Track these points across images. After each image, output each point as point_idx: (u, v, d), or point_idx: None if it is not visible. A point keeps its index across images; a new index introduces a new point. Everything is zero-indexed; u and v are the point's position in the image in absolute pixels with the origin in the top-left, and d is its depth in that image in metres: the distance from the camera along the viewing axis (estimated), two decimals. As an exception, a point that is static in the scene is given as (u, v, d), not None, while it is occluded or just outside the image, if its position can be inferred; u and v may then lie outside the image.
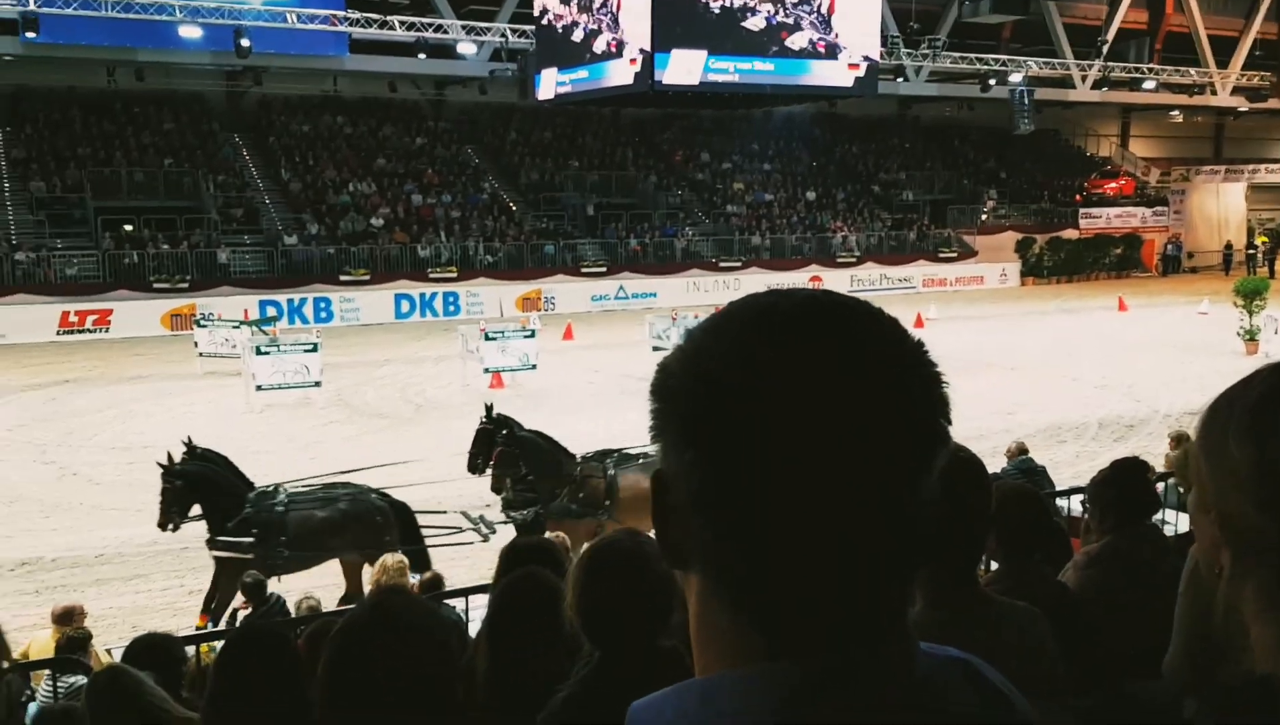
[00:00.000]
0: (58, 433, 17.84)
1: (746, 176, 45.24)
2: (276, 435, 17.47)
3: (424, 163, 39.96)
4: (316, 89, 39.68)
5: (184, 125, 37.53)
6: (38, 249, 31.09)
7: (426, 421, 18.64)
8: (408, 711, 1.66)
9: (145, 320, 30.09)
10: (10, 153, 34.21)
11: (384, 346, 27.49)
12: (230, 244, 33.59)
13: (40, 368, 24.39)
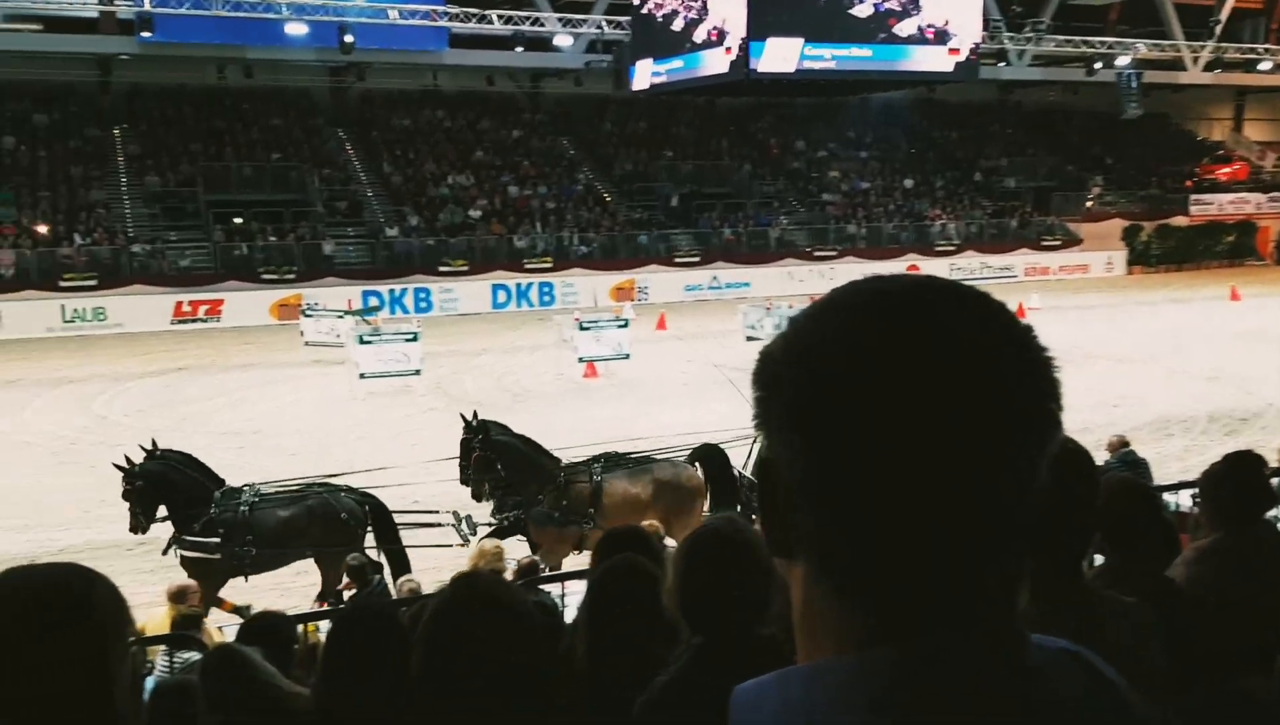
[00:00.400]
0: (172, 419, 18.53)
1: (842, 164, 44.69)
2: (378, 422, 17.89)
3: (520, 155, 40.40)
4: (417, 83, 40.40)
5: (291, 120, 38.59)
6: (153, 241, 32.31)
7: (522, 410, 18.86)
8: (495, 696, 1.68)
9: (254, 310, 31.06)
10: (127, 149, 35.58)
11: (481, 336, 27.89)
12: (335, 236, 34.45)
13: (155, 356, 25.36)
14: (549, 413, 18.44)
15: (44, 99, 35.66)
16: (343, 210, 35.98)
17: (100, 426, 17.99)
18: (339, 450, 16.02)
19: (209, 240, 33.15)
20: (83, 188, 33.55)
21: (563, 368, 21.78)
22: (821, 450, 0.82)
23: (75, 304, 29.76)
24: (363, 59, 33.91)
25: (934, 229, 41.70)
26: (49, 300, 29.65)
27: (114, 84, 36.85)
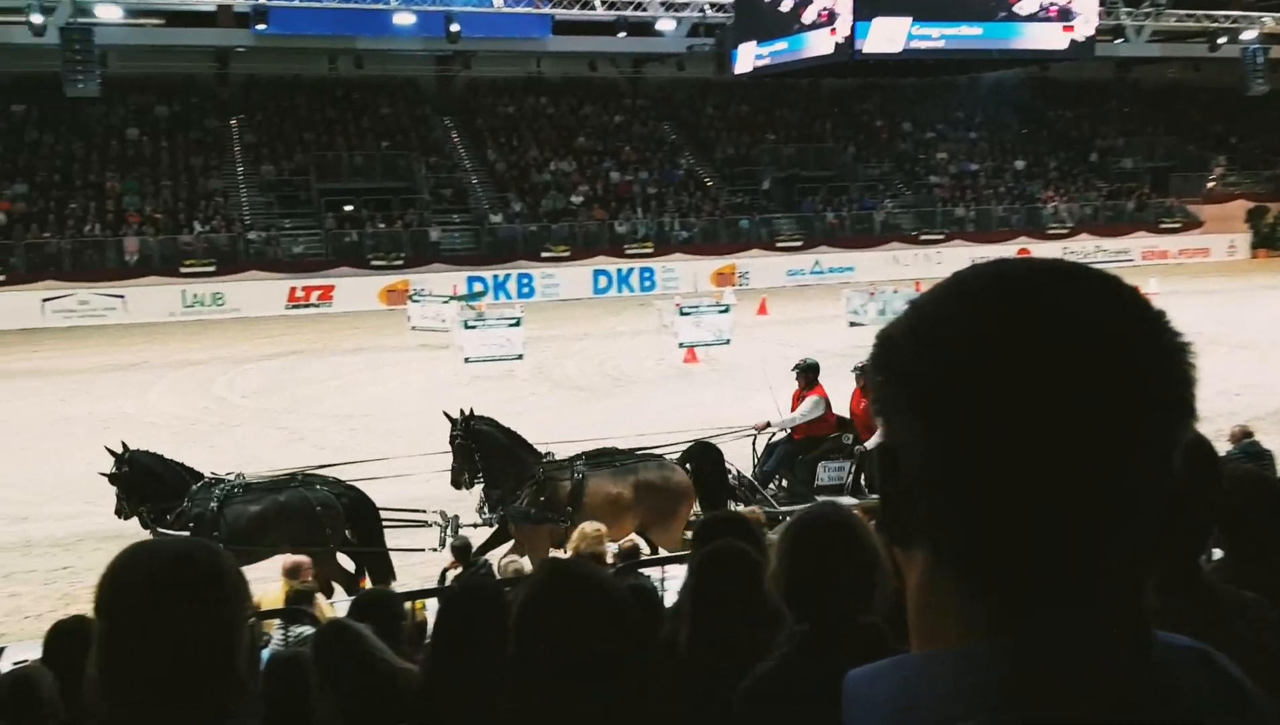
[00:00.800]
0: (287, 401, 19.14)
1: (951, 146, 43.71)
2: (482, 405, 18.09)
3: (622, 140, 40.52)
4: (521, 70, 40.82)
5: (399, 109, 39.38)
6: (268, 229, 33.35)
7: (622, 395, 18.99)
8: (580, 682, 1.69)
9: (364, 295, 31.84)
10: (244, 139, 36.76)
11: (582, 321, 28.10)
12: (441, 223, 35.08)
13: (271, 340, 26.20)
14: (649, 397, 18.51)
15: (165, 91, 37.05)
16: (448, 197, 36.60)
17: (220, 408, 18.68)
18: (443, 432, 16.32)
19: (321, 227, 34.06)
20: (202, 177, 34.79)
21: (663, 353, 21.82)
22: (945, 434, 0.81)
23: (195, 289, 30.91)
24: (468, 47, 34.38)
25: (1046, 211, 40.52)
26: (171, 286, 30.86)
27: (231, 76, 38.11)
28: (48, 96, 34.13)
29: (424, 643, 5.17)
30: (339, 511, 9.26)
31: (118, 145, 35.21)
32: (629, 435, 15.64)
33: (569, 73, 41.41)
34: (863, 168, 41.90)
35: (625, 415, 17.12)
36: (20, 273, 30.14)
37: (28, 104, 35.29)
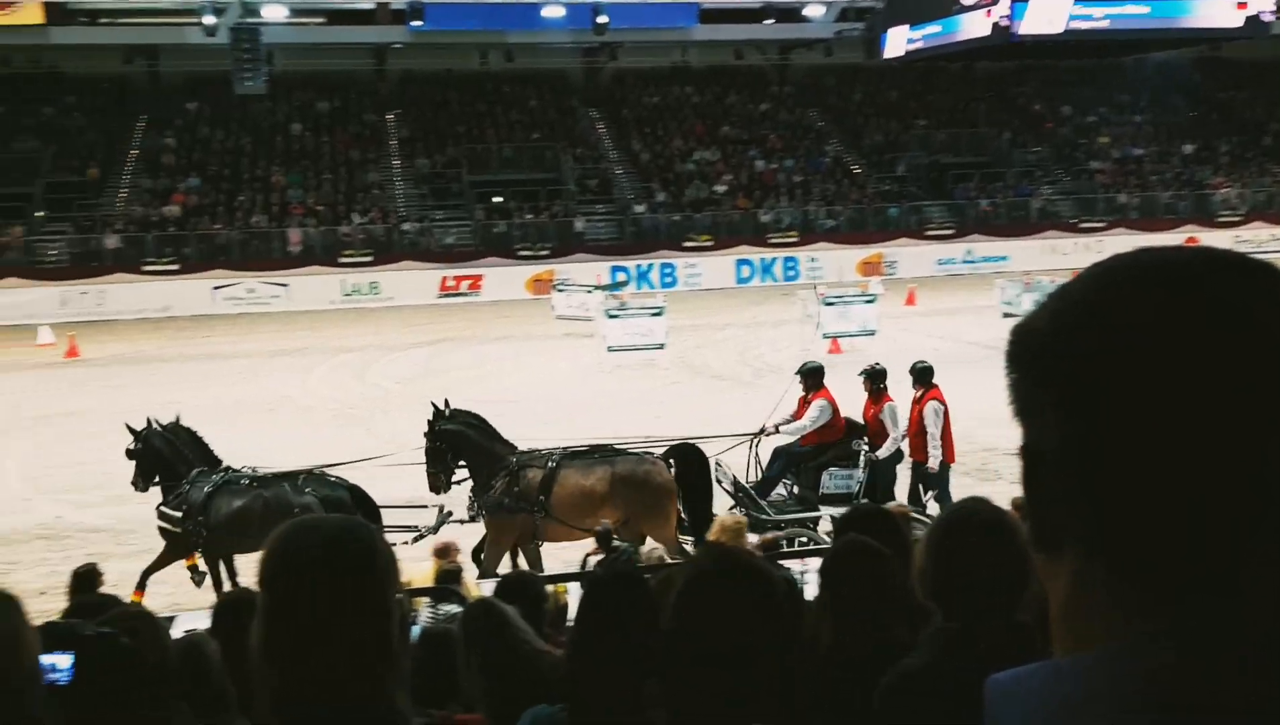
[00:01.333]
0: (437, 387, 19.67)
1: (1114, 130, 41.80)
2: (625, 394, 18.35)
3: (767, 128, 40.20)
4: (666, 60, 40.94)
5: (547, 102, 40.04)
6: (421, 220, 34.40)
7: (763, 386, 18.87)
8: (739, 669, 1.68)
9: (511, 285, 32.53)
10: (399, 133, 38.01)
11: (724, 311, 28.04)
12: (586, 213, 35.52)
13: (422, 327, 27.04)
14: (792, 388, 18.33)
15: (326, 88, 38.61)
16: (593, 188, 37.03)
17: (374, 393, 19.38)
18: (585, 419, 16.56)
19: (471, 219, 34.94)
20: (360, 170, 36.13)
21: (806, 343, 21.57)
22: (1099, 428, 0.77)
23: (353, 279, 32.15)
24: (615, 38, 34.68)
25: (1216, 198, 38.36)
26: (330, 275, 32.17)
27: (388, 72, 39.47)
28: (219, 94, 36.07)
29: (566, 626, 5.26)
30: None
31: (282, 140, 36.88)
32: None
33: (714, 61, 41.31)
34: (1018, 153, 40.48)
35: (767, 405, 16.99)
36: (193, 262, 31.91)
37: (200, 102, 37.31)
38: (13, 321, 28.63)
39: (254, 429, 16.68)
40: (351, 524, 1.60)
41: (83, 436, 16.28)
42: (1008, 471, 12.67)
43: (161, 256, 31.79)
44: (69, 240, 32.16)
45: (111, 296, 30.46)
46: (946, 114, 41.63)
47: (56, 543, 11.66)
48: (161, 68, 37.71)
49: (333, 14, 35.18)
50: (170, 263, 31.72)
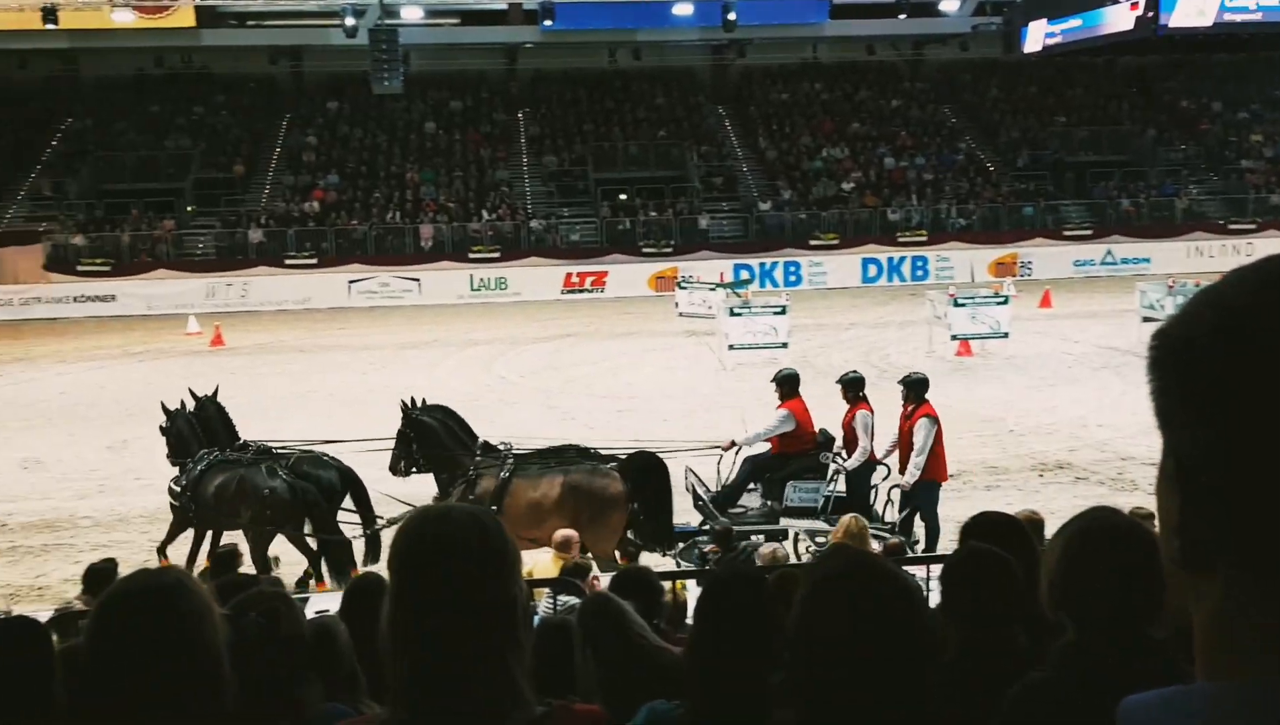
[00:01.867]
0: (560, 381, 19.99)
1: (1268, 127, 39.65)
2: (745, 392, 18.24)
3: (898, 125, 39.47)
4: (796, 57, 40.57)
5: (674, 99, 40.12)
6: (548, 217, 34.89)
7: (888, 386, 18.50)
8: (864, 674, 1.65)
9: (634, 282, 32.72)
10: (528, 131, 38.63)
11: (850, 311, 27.65)
12: (710, 211, 35.49)
13: (547, 322, 27.43)
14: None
15: (459, 87, 39.51)
16: (718, 185, 36.95)
17: (500, 386, 19.75)
18: (705, 416, 16.55)
19: (596, 216, 35.27)
20: (490, 168, 36.84)
21: (934, 345, 21.12)
22: (1245, 437, 0.73)
23: (481, 274, 32.81)
24: (744, 35, 34.51)
25: (1381, 199, 36.06)
26: (460, 270, 32.90)
27: (519, 71, 40.15)
28: (357, 94, 37.29)
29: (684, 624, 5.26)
30: (286, 500, 9.60)
31: (416, 138, 37.88)
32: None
33: (845, 57, 40.77)
34: (1163, 151, 38.79)
35: (893, 407, 16.71)
36: (330, 256, 33.05)
37: (340, 101, 38.62)
38: (164, 311, 30.15)
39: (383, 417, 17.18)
40: (479, 513, 1.63)
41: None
42: (1145, 481, 12.17)
43: (301, 251, 33.03)
44: (216, 234, 33.67)
45: (254, 288, 31.79)
46: (1087, 110, 40.16)
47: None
48: (305, 68, 39.18)
49: (466, 15, 35.94)
50: (309, 257, 32.92)
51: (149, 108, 37.83)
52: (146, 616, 1.61)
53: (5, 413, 18.18)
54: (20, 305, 31.12)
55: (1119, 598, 1.98)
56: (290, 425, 16.70)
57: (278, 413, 17.54)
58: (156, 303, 30.79)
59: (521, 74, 40.26)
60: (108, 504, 12.80)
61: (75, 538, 11.67)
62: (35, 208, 34.14)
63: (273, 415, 17.28)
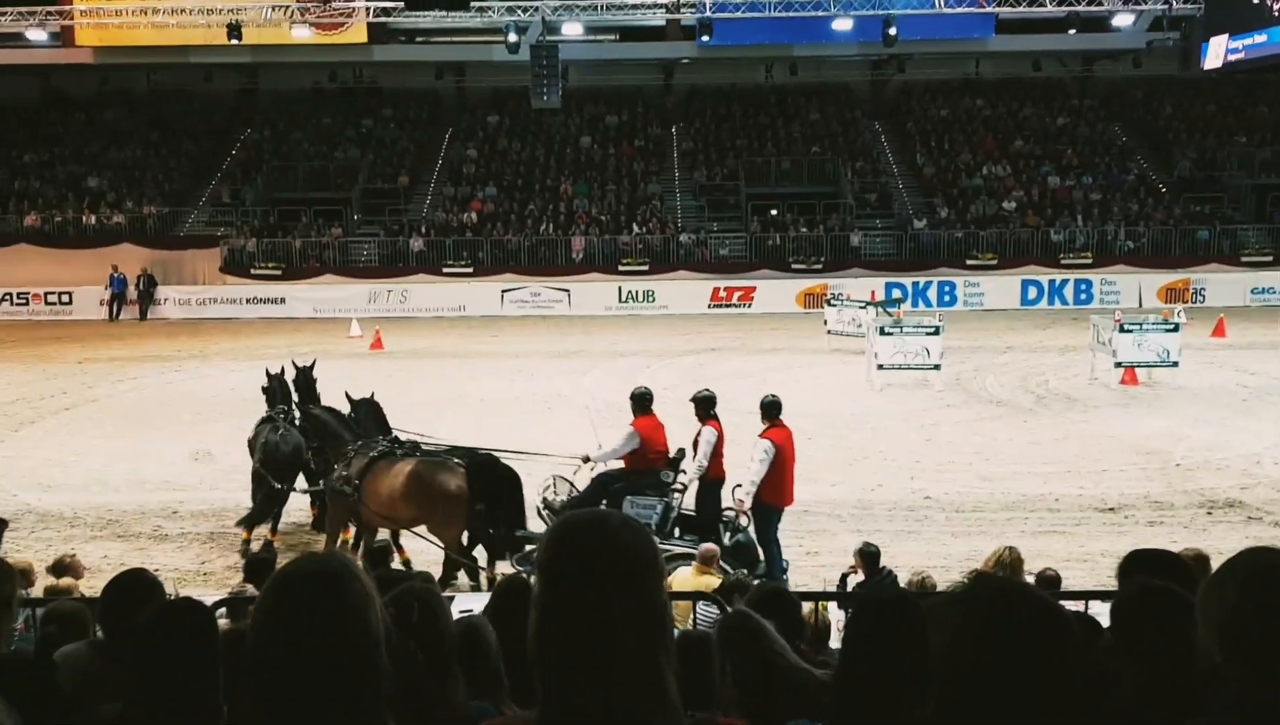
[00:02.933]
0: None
1: None
2: (894, 413, 17.88)
3: (1064, 143, 38.07)
4: (957, 72, 39.66)
5: (829, 114, 39.71)
6: (697, 231, 34.98)
7: (1048, 414, 17.85)
8: (1024, 707, 1.57)
9: (782, 298, 32.47)
10: (681, 145, 38.83)
11: (1007, 333, 26.79)
12: (863, 227, 34.93)
13: (693, 336, 27.47)
14: (1078, 419, 17.26)
15: (615, 102, 40.05)
16: (872, 202, 36.36)
17: (644, 397, 19.82)
18: (854, 436, 16.26)
19: (745, 231, 35.17)
20: (642, 182, 37.18)
21: (1097, 372, 20.23)
22: None
23: (630, 286, 33.12)
24: (905, 50, 33.87)
25: None
26: (609, 282, 33.29)
27: (674, 86, 40.45)
28: (517, 108, 38.22)
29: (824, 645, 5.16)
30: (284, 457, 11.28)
31: (572, 152, 38.55)
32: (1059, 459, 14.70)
33: (1009, 73, 39.60)
34: (1357, 174, 36.28)
35: (1050, 433, 16.09)
36: (485, 266, 33.90)
37: (500, 115, 39.65)
38: (329, 314, 31.49)
39: (530, 422, 17.50)
40: (628, 519, 1.62)
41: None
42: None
43: (458, 260, 34.01)
44: (379, 242, 35.00)
45: (413, 295, 32.89)
46: (1270, 130, 37.88)
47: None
48: (467, 83, 40.41)
49: (625, 31, 36.40)
50: (465, 266, 33.87)
51: (321, 120, 39.65)
52: (312, 601, 1.64)
53: (180, 405, 19.29)
54: (198, 305, 33.01)
55: None
56: (440, 427, 17.19)
57: (428, 414, 18.07)
58: (322, 306, 32.17)
59: (677, 89, 40.54)
60: (270, 496, 13.36)
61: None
62: (215, 213, 36.17)
63: (423, 417, 17.82)
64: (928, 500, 12.87)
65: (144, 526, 12.40)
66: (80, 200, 35.83)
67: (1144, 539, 11.07)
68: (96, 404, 19.68)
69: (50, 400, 19.87)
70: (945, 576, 9.69)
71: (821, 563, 10.64)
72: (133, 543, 11.86)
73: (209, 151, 38.80)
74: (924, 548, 11.16)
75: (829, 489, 13.37)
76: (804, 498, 12.88)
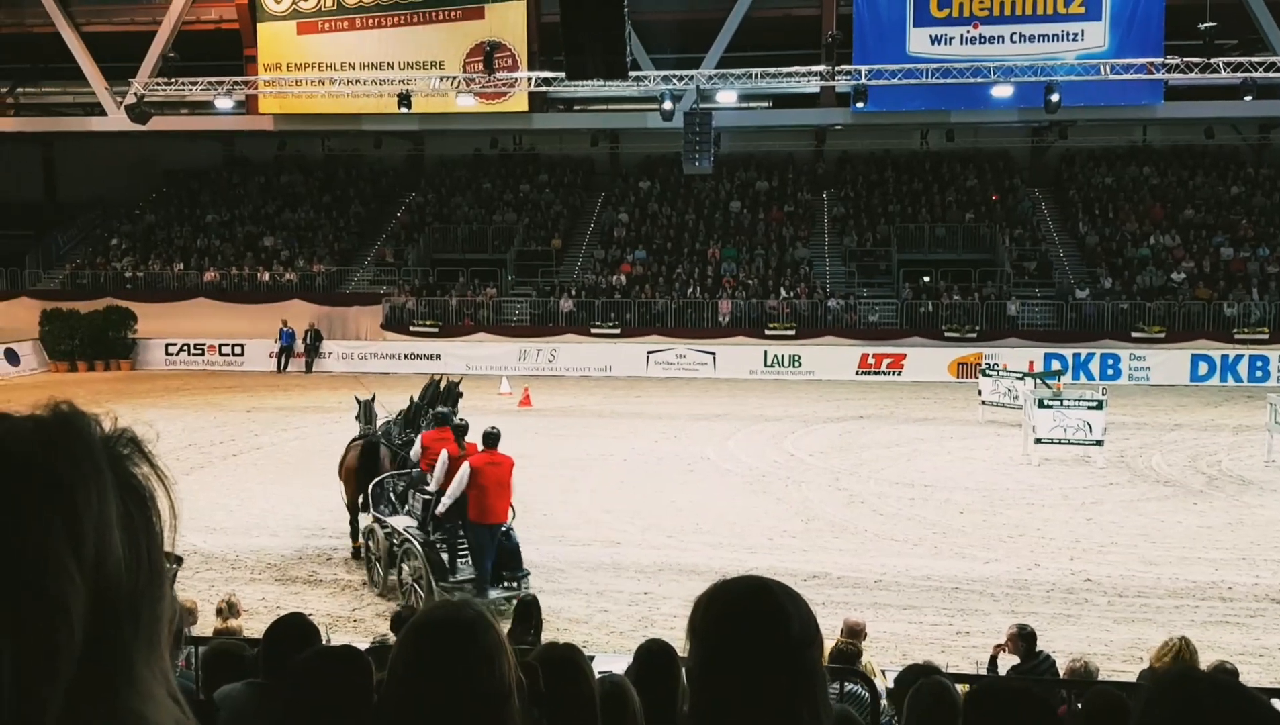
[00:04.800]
0: (850, 462, 19.57)
1: None
2: (1052, 489, 17.14)
3: (1238, 213, 36.27)
4: (1123, 139, 38.42)
5: (986, 181, 38.91)
6: (846, 296, 34.60)
7: (1220, 496, 16.80)
8: None
9: (934, 366, 31.71)
10: (832, 210, 38.63)
11: (1175, 410, 25.46)
12: (1020, 296, 33.91)
13: (840, 402, 27.04)
14: (1253, 501, 16.19)
15: (765, 167, 40.22)
16: (1031, 270, 35.30)
17: (789, 463, 19.60)
18: (1010, 511, 15.64)
19: (897, 297, 34.59)
20: (791, 246, 37.08)
21: (1274, 454, 18.99)
22: None
23: (776, 351, 32.91)
24: (1067, 117, 32.99)
25: None
26: (755, 346, 33.16)
27: (826, 152, 40.39)
28: (668, 173, 38.78)
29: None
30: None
31: (721, 216, 38.81)
32: (1232, 547, 13.81)
33: (1179, 140, 38.10)
34: None
35: (1223, 517, 15.13)
36: (632, 327, 34.28)
37: (652, 180, 40.31)
38: (481, 371, 32.31)
39: (672, 484, 17.47)
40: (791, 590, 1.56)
41: (522, 479, 17.91)
42: None
43: (606, 321, 34.49)
44: (531, 302, 35.85)
45: (562, 354, 33.47)
46: None
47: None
48: (621, 150, 41.29)
49: (778, 98, 36.63)
50: (613, 327, 34.31)
51: (482, 184, 41.10)
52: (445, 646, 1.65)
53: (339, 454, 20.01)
54: (359, 359, 34.38)
55: None
56: (583, 483, 17.35)
57: (571, 472, 18.26)
58: (475, 363, 33.04)
59: (829, 154, 40.46)
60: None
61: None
62: (379, 272, 37.76)
63: (567, 474, 18.01)
64: (1088, 583, 12.23)
65: (300, 571, 12.85)
66: (256, 258, 37.99)
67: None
68: (261, 451, 20.63)
69: (219, 447, 20.93)
70: (1108, 665, 9.17)
71: (973, 643, 10.19)
72: (289, 587, 12.29)
73: (376, 213, 40.65)
74: (1084, 633, 10.58)
75: (982, 566, 12.86)
76: (955, 574, 12.47)
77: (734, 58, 31.10)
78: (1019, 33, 30.95)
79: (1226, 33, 28.31)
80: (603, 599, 11.76)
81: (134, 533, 0.84)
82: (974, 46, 30.99)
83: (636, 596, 11.81)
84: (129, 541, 0.84)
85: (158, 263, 37.99)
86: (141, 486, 0.87)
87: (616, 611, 11.35)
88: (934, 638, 10.62)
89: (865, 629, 7.87)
